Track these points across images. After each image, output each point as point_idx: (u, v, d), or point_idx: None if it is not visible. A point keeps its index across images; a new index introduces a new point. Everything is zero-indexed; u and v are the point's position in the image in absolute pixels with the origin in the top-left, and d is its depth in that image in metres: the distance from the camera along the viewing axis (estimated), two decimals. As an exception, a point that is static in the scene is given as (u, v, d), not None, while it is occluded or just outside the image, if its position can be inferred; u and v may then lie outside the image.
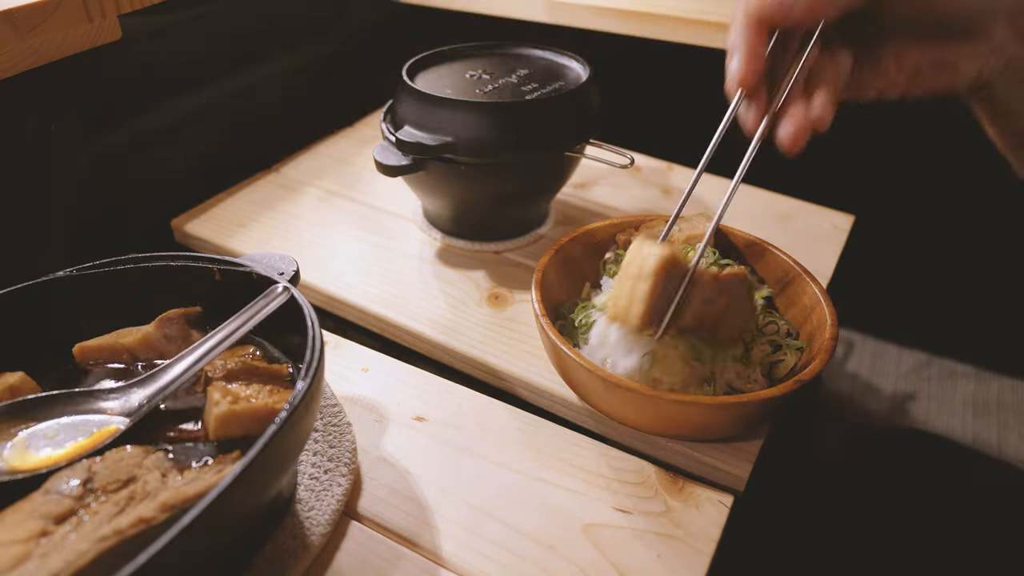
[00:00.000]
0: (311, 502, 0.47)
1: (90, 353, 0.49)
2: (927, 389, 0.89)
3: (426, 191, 0.72)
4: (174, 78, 0.80)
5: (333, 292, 0.69)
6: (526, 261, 0.74)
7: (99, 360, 0.49)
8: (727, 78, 0.46)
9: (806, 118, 0.45)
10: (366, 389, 0.58)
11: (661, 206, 0.83)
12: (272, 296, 0.47)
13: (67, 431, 0.43)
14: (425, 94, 0.66)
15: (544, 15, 0.92)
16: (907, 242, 1.05)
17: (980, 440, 0.80)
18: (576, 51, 0.76)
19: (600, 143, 0.70)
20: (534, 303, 0.54)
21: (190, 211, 0.80)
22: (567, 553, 0.46)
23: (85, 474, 0.38)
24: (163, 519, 0.36)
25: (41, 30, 0.59)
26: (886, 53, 0.45)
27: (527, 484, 0.51)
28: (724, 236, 0.63)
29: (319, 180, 0.87)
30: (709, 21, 0.83)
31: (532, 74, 0.73)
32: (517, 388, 0.61)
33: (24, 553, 0.34)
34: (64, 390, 0.44)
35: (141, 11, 0.68)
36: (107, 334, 0.50)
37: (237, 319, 0.46)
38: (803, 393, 0.47)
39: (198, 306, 0.51)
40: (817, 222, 0.81)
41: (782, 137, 0.45)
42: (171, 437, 0.44)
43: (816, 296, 0.55)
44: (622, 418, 0.52)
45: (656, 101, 1.11)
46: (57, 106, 0.67)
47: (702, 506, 0.49)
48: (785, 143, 0.45)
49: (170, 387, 0.44)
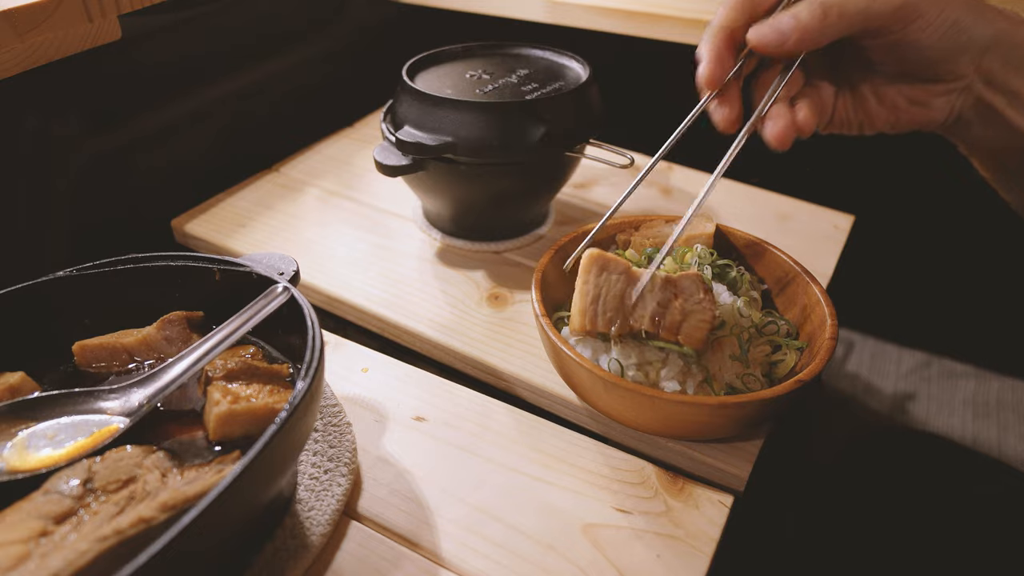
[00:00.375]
0: (311, 502, 0.47)
1: (90, 352, 0.49)
2: (927, 389, 0.89)
3: (426, 191, 0.72)
4: (174, 78, 0.80)
5: (333, 292, 0.69)
6: (526, 261, 0.74)
7: (99, 360, 0.49)
8: (697, 79, 0.50)
9: (791, 120, 0.49)
10: (366, 389, 0.58)
11: (661, 206, 0.83)
12: (272, 296, 0.47)
13: (67, 431, 0.43)
14: (425, 94, 0.66)
15: (544, 15, 0.92)
16: (907, 242, 1.05)
17: (980, 440, 0.80)
18: (576, 51, 0.76)
19: (600, 143, 0.70)
20: (534, 303, 0.54)
21: (190, 211, 0.80)
22: (567, 553, 0.46)
23: (85, 474, 0.38)
24: (163, 519, 0.36)
25: (41, 30, 0.59)
26: (865, 88, 0.50)
27: (527, 484, 0.51)
28: (724, 236, 0.63)
29: (319, 180, 0.87)
30: (709, 21, 0.82)
31: (532, 74, 0.73)
32: (517, 388, 0.61)
33: (24, 553, 0.34)
34: (64, 390, 0.44)
35: (141, 11, 0.68)
36: (107, 334, 0.50)
37: (237, 319, 0.46)
38: (803, 393, 0.47)
39: (199, 306, 0.52)
40: (817, 222, 0.81)
41: (768, 134, 0.49)
42: (171, 437, 0.44)
43: (816, 296, 0.55)
44: (622, 418, 0.52)
45: (656, 101, 1.11)
46: (57, 106, 0.67)
47: (702, 506, 0.49)
48: (772, 140, 0.49)
49: (170, 387, 0.44)
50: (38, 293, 0.48)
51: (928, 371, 0.91)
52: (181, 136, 0.82)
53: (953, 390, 0.88)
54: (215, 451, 0.43)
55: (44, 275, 0.49)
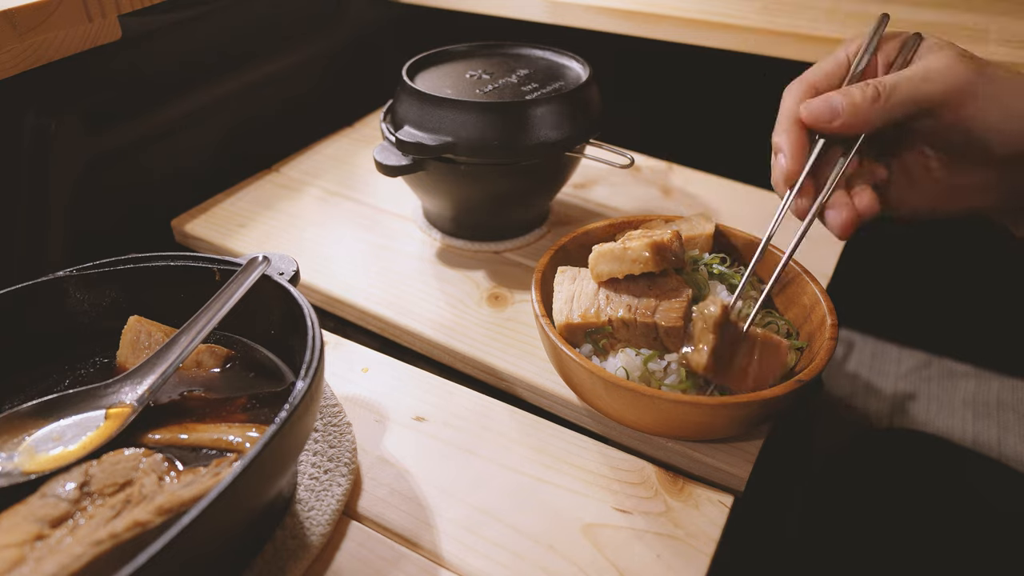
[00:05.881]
0: (311, 502, 0.47)
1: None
2: (927, 389, 0.89)
3: (426, 191, 0.72)
4: (174, 78, 0.80)
5: (333, 292, 0.69)
6: (526, 261, 0.74)
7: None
8: (773, 173, 0.50)
9: (854, 208, 0.49)
10: (366, 389, 0.58)
11: (661, 206, 0.83)
12: (254, 266, 0.47)
13: (71, 430, 0.43)
14: (425, 94, 0.66)
15: (544, 15, 0.92)
16: (907, 242, 1.05)
17: (980, 440, 0.80)
18: (576, 51, 0.76)
19: (600, 143, 0.70)
20: (534, 303, 0.54)
21: (190, 211, 0.80)
22: (567, 553, 0.46)
23: (82, 477, 0.38)
24: (159, 523, 0.36)
25: (41, 30, 0.59)
26: (920, 170, 0.49)
27: (527, 484, 0.51)
28: (724, 236, 0.63)
29: (319, 180, 0.87)
30: (709, 21, 0.83)
31: (532, 74, 0.73)
32: (517, 388, 0.61)
33: (19, 557, 0.34)
34: (58, 393, 0.45)
35: (141, 11, 0.68)
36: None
37: (223, 292, 0.46)
38: (803, 393, 0.47)
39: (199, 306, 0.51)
40: (817, 222, 0.80)
41: (832, 225, 0.49)
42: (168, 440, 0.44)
43: (816, 296, 0.55)
44: (622, 418, 0.52)
45: (656, 101, 1.11)
46: (57, 106, 0.67)
47: (702, 506, 0.49)
48: (836, 230, 0.49)
49: (171, 368, 0.44)
50: (38, 293, 0.48)
51: (928, 371, 0.92)
52: (181, 136, 0.82)
53: (953, 390, 0.88)
54: (212, 454, 0.43)
55: (44, 275, 0.49)
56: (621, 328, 0.53)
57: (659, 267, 0.53)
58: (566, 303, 0.54)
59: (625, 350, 0.53)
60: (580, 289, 0.55)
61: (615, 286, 0.54)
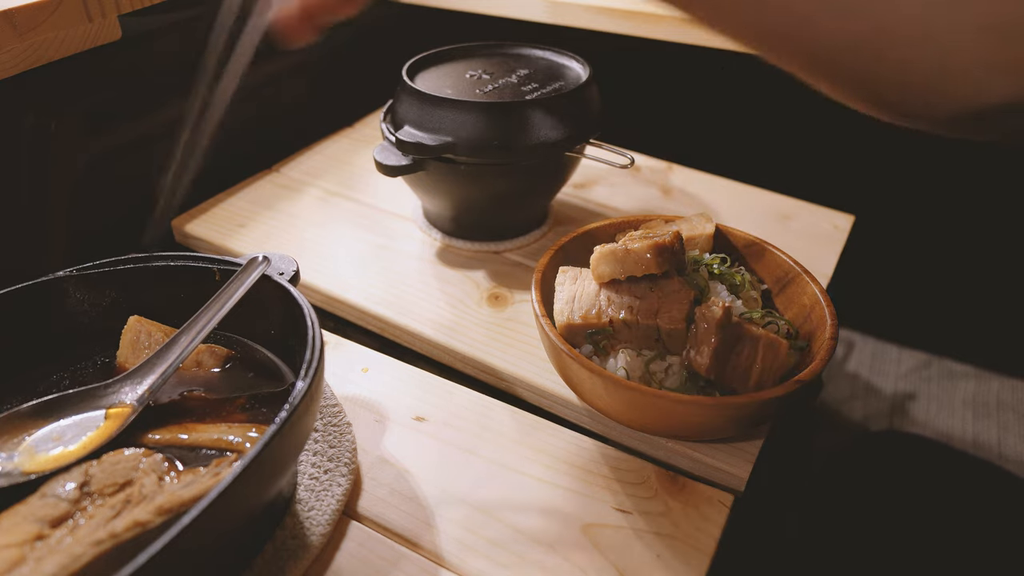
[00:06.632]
0: (311, 502, 0.47)
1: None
2: (927, 389, 0.89)
3: (426, 191, 0.72)
4: (174, 78, 0.80)
5: (333, 292, 0.69)
6: (526, 261, 0.74)
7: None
8: None
9: None
10: (366, 389, 0.58)
11: (661, 206, 0.83)
12: (254, 266, 0.47)
13: (71, 430, 0.43)
14: (425, 94, 0.66)
15: (544, 15, 0.92)
16: (907, 242, 1.05)
17: (980, 440, 0.80)
18: (576, 51, 0.76)
19: (600, 143, 0.69)
20: (534, 303, 0.54)
21: (190, 211, 0.80)
22: (567, 553, 0.46)
23: (82, 477, 0.38)
24: (159, 523, 0.36)
25: (41, 30, 0.59)
26: None
27: (527, 484, 0.51)
28: (724, 236, 0.63)
29: (319, 180, 0.87)
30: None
31: (532, 74, 0.73)
32: (517, 388, 0.61)
33: (19, 557, 0.34)
34: (58, 394, 0.44)
35: (141, 11, 0.68)
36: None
37: (223, 292, 0.46)
38: (803, 393, 0.47)
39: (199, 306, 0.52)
40: (817, 222, 0.81)
41: None
42: (168, 440, 0.44)
43: (816, 296, 0.55)
44: (622, 418, 0.52)
45: (656, 101, 1.11)
46: (57, 106, 0.67)
47: (702, 506, 0.49)
48: None
49: (172, 367, 0.44)
50: (38, 293, 0.48)
51: (928, 371, 0.92)
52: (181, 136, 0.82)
53: (953, 390, 0.88)
54: (212, 454, 0.43)
55: (44, 275, 0.49)
56: (622, 329, 0.53)
57: (661, 269, 0.53)
58: (567, 303, 0.55)
59: (626, 351, 0.53)
60: (581, 290, 0.55)
61: (616, 287, 0.54)
